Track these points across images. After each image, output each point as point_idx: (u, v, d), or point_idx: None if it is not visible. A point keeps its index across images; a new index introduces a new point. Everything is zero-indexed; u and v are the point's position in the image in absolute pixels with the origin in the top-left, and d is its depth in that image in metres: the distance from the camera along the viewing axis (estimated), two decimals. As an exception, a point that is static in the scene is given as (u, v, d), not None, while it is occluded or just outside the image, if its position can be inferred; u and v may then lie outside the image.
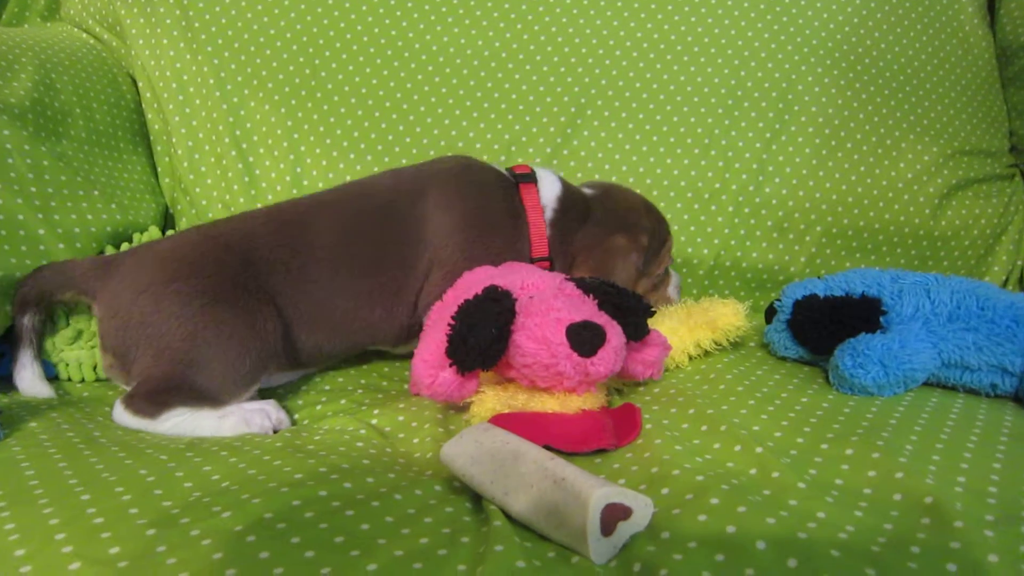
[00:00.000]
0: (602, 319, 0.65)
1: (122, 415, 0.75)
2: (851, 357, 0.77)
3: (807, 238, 1.19)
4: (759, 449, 0.61)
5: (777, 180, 1.19)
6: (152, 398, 0.75)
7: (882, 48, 1.25)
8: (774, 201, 1.18)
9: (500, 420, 0.67)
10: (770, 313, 0.94)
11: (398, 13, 1.22)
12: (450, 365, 0.66)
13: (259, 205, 1.14)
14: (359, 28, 1.21)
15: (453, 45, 1.21)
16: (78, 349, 0.90)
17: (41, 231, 0.96)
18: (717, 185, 1.19)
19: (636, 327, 0.68)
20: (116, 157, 1.18)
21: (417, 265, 0.90)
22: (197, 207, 1.20)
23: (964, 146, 1.26)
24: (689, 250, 1.19)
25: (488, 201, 0.95)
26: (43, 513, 0.54)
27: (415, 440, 0.74)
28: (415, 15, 1.22)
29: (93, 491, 0.57)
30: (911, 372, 0.77)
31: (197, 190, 1.20)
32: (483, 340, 0.63)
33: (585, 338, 0.62)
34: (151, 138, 1.24)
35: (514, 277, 0.73)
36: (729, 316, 0.88)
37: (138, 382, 0.77)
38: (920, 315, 0.84)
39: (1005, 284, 1.29)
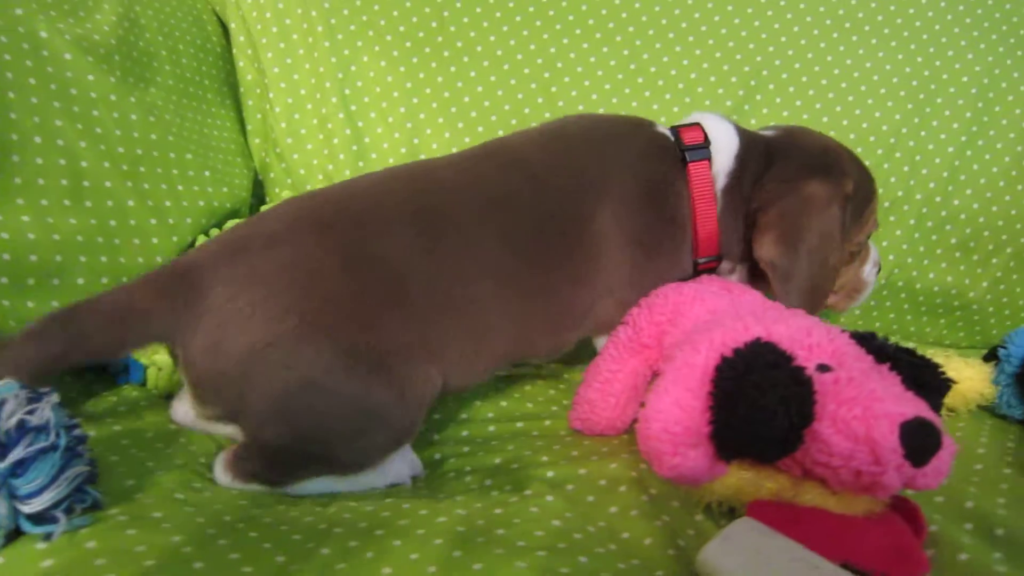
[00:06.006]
0: (921, 407, 0.50)
1: (231, 481, 0.60)
2: None
3: (994, 260, 1.03)
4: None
5: (969, 191, 1.02)
6: (275, 469, 0.60)
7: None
8: (963, 215, 1.02)
9: (765, 514, 0.52)
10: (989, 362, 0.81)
11: (544, -40, 1.03)
12: (718, 453, 0.52)
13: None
14: (497, -25, 1.02)
15: (607, 5, 1.02)
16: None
17: (130, 202, 0.81)
18: (899, 193, 1.03)
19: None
20: (205, 111, 1.00)
21: (593, 286, 0.75)
22: (293, 176, 1.04)
23: None
24: (858, 265, 1.04)
25: (660, 210, 0.76)
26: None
27: (612, 509, 0.60)
28: (563, -36, 1.03)
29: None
30: None
31: (295, 156, 1.03)
32: (777, 431, 0.48)
33: (927, 444, 0.47)
34: (241, 91, 1.06)
35: (779, 328, 0.57)
36: (976, 383, 0.74)
37: (252, 446, 0.60)
38: None
39: None
